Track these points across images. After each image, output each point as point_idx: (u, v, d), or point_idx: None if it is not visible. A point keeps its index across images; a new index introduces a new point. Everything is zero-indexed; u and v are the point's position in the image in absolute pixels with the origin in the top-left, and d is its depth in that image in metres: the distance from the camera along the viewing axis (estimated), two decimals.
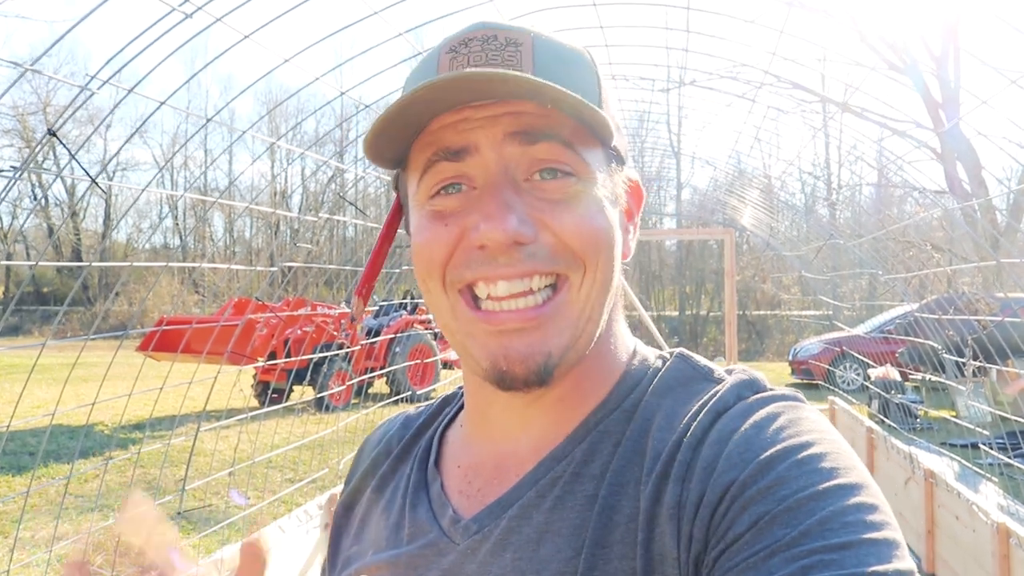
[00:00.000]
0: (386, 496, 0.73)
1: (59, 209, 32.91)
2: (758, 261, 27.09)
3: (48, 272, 32.86)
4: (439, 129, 0.59)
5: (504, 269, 0.58)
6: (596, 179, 0.61)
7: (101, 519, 5.31)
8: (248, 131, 2.95)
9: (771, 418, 0.56)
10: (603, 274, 0.60)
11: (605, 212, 0.61)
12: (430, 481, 0.70)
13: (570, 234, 0.58)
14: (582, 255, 0.59)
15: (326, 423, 7.19)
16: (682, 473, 0.55)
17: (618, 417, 0.63)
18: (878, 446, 5.08)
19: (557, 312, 0.59)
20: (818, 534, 0.48)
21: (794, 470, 0.51)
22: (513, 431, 0.66)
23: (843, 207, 10.89)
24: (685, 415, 0.59)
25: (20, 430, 8.50)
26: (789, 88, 6.15)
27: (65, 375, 2.42)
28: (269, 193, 32.95)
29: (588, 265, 0.59)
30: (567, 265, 0.59)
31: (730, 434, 0.55)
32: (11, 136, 29.89)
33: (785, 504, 0.50)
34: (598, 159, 0.62)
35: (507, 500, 0.63)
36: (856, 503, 0.49)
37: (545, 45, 0.61)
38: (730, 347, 7.34)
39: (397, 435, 0.78)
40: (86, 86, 1.74)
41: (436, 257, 0.60)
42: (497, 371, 0.59)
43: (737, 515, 0.51)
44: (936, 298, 6.43)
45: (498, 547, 0.60)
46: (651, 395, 0.63)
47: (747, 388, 0.61)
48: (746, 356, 22.66)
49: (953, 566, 3.76)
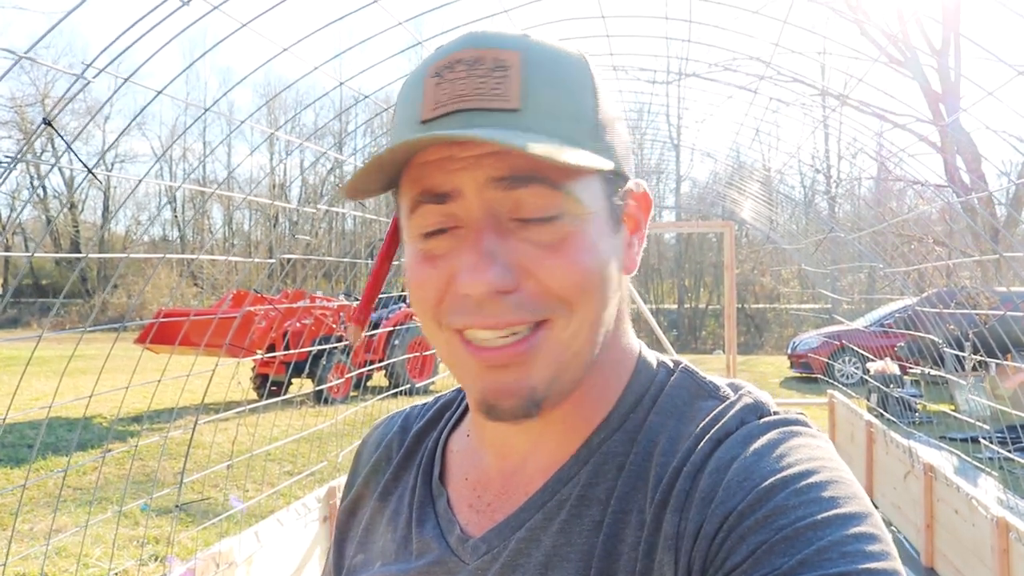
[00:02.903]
0: (391, 506, 0.73)
1: (58, 201, 32.88)
2: (757, 254, 27.13)
3: (47, 264, 32.85)
4: (424, 164, 0.58)
5: (490, 319, 0.57)
6: (588, 215, 0.59)
7: (99, 511, 5.31)
8: (246, 121, 2.92)
9: (772, 445, 0.56)
10: (592, 312, 0.59)
11: (597, 250, 0.59)
12: (435, 496, 0.70)
13: (556, 281, 0.57)
14: (568, 299, 0.58)
15: (325, 416, 7.19)
16: (680, 503, 0.56)
17: (620, 438, 0.63)
18: (877, 440, 5.08)
19: (539, 349, 0.58)
20: (816, 564, 0.47)
21: (793, 499, 0.51)
22: (520, 447, 0.66)
23: (843, 200, 10.88)
24: (688, 438, 0.59)
25: (19, 422, 8.50)
26: (789, 81, 6.13)
27: (64, 367, 2.41)
28: (268, 185, 32.91)
29: (575, 307, 0.58)
30: (551, 310, 0.58)
31: (730, 462, 0.55)
32: (9, 128, 29.86)
33: (783, 533, 0.49)
34: (593, 190, 0.59)
35: (515, 521, 0.63)
36: (856, 533, 0.49)
37: (537, 62, 0.58)
38: (729, 340, 7.34)
39: (397, 439, 0.77)
40: (82, 75, 1.72)
41: (428, 299, 0.60)
42: (486, 404, 0.59)
43: (735, 545, 0.51)
44: (936, 291, 6.43)
45: (507, 569, 0.61)
46: (655, 414, 0.63)
47: (751, 412, 0.60)
48: (745, 349, 22.67)
49: (952, 560, 3.76)
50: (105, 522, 4.85)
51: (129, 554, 4.64)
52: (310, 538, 3.18)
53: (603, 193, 0.60)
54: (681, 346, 23.18)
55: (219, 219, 35.27)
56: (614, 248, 0.62)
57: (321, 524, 3.27)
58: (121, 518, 5.20)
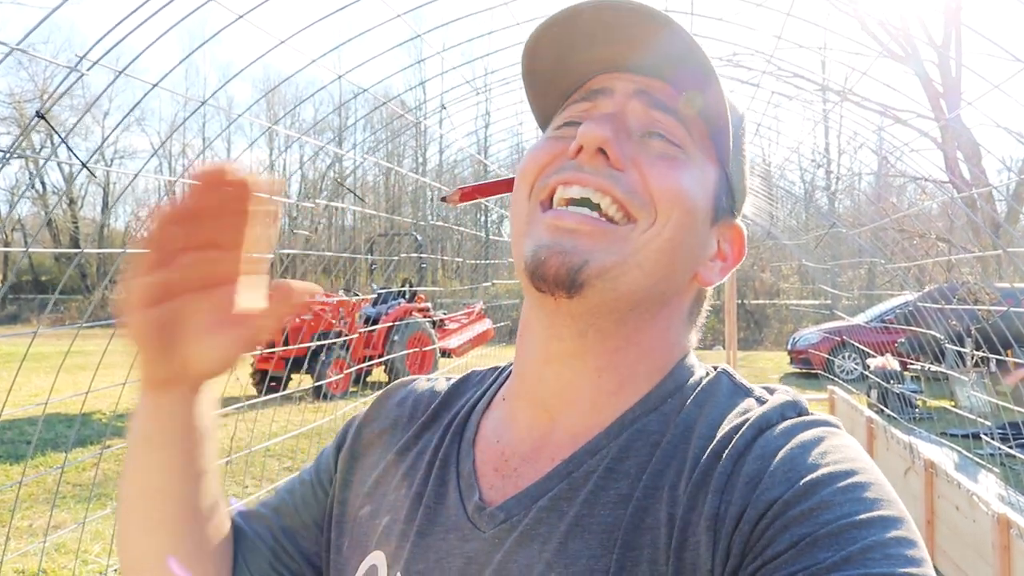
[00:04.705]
0: (408, 462, 0.72)
1: (57, 197, 32.88)
2: (757, 250, 27.11)
3: (46, 260, 32.84)
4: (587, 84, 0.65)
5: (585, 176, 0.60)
6: (699, 162, 0.64)
7: (98, 508, 5.30)
8: (244, 114, 2.91)
9: (816, 441, 0.56)
10: (672, 230, 0.61)
11: (694, 184, 0.63)
12: (462, 458, 0.69)
13: (654, 180, 0.61)
14: (657, 203, 0.61)
15: (324, 412, 7.18)
16: (722, 484, 0.56)
17: (656, 418, 0.63)
18: (878, 436, 5.07)
19: (613, 236, 0.60)
20: (860, 562, 0.48)
21: (839, 496, 0.52)
22: (554, 398, 0.65)
23: (843, 196, 10.86)
24: (727, 426, 0.60)
25: (18, 419, 8.49)
26: (791, 76, 6.10)
27: (61, 363, 2.39)
28: (267, 180, 32.81)
29: (660, 214, 0.61)
30: (640, 206, 0.61)
31: (775, 451, 0.56)
32: (7, 124, 29.87)
33: (828, 528, 0.50)
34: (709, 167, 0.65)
35: (537, 490, 0.62)
36: (898, 536, 0.50)
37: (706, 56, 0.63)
38: (730, 335, 7.32)
39: (425, 399, 0.77)
40: (75, 67, 1.70)
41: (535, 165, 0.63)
42: (536, 260, 0.60)
43: (778, 533, 0.51)
44: (938, 287, 6.41)
45: (525, 538, 0.60)
46: (693, 403, 0.64)
47: (791, 408, 0.61)
48: (744, 345, 22.68)
49: (953, 557, 3.75)
50: (104, 518, 4.84)
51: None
52: None
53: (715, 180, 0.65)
54: None
55: None
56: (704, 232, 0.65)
57: None
58: None
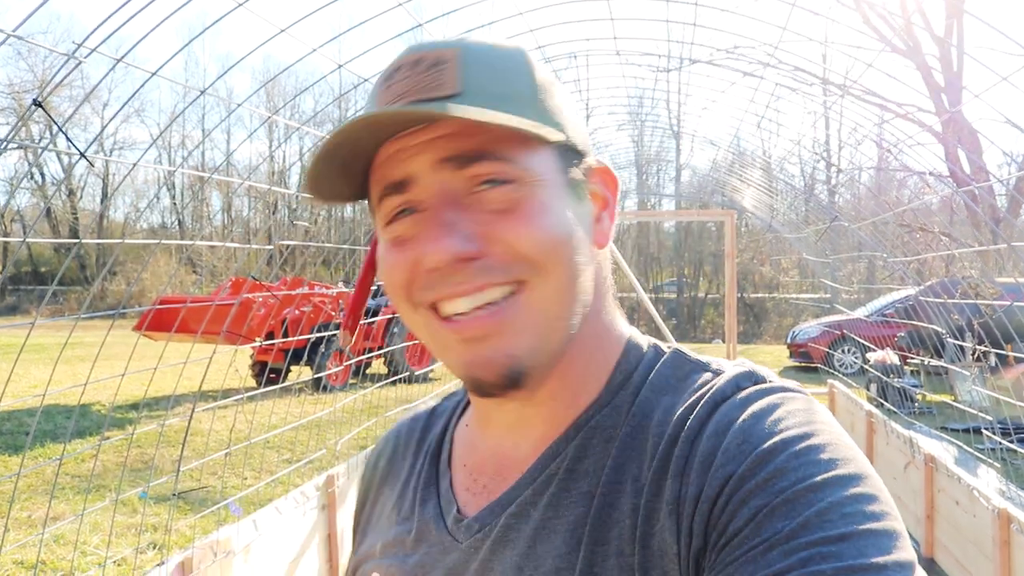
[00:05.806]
0: (396, 490, 0.75)
1: (55, 187, 32.82)
2: (757, 243, 27.08)
3: (46, 252, 32.82)
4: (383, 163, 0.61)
5: (460, 287, 0.58)
6: (542, 182, 0.60)
7: (97, 499, 5.30)
8: (243, 103, 2.88)
9: (769, 409, 0.56)
10: (564, 275, 0.60)
11: (555, 212, 0.60)
12: (440, 477, 0.72)
13: (520, 241, 0.58)
14: (535, 261, 0.58)
15: (324, 403, 7.17)
16: (680, 468, 0.56)
17: (608, 413, 0.63)
18: (878, 430, 5.06)
19: (517, 315, 0.59)
20: (817, 526, 0.48)
21: (792, 461, 0.51)
22: (513, 430, 0.67)
23: (844, 189, 10.84)
24: (682, 407, 0.60)
25: (16, 409, 8.48)
26: (793, 69, 6.08)
27: (59, 354, 2.38)
28: (267, 171, 32.81)
29: (544, 269, 0.59)
30: (523, 272, 0.58)
31: (728, 425, 0.55)
32: (6, 114, 29.82)
33: (783, 496, 0.50)
34: (544, 160, 0.61)
35: (507, 499, 0.64)
36: (855, 493, 0.50)
37: (474, 57, 0.60)
38: (730, 329, 7.31)
39: (405, 434, 0.80)
40: (72, 55, 1.68)
41: (400, 281, 0.61)
42: (471, 379, 0.60)
43: (736, 509, 0.51)
44: (940, 281, 6.40)
45: (498, 545, 0.62)
46: (648, 390, 0.63)
47: (746, 379, 0.60)
48: (744, 339, 22.71)
49: (952, 551, 3.75)
50: (103, 510, 4.84)
51: (127, 542, 4.63)
52: (308, 526, 3.16)
53: (556, 165, 0.61)
54: (680, 335, 23.21)
55: (218, 206, 35.23)
56: (578, 217, 0.62)
57: (319, 512, 3.26)
58: (119, 506, 5.19)
